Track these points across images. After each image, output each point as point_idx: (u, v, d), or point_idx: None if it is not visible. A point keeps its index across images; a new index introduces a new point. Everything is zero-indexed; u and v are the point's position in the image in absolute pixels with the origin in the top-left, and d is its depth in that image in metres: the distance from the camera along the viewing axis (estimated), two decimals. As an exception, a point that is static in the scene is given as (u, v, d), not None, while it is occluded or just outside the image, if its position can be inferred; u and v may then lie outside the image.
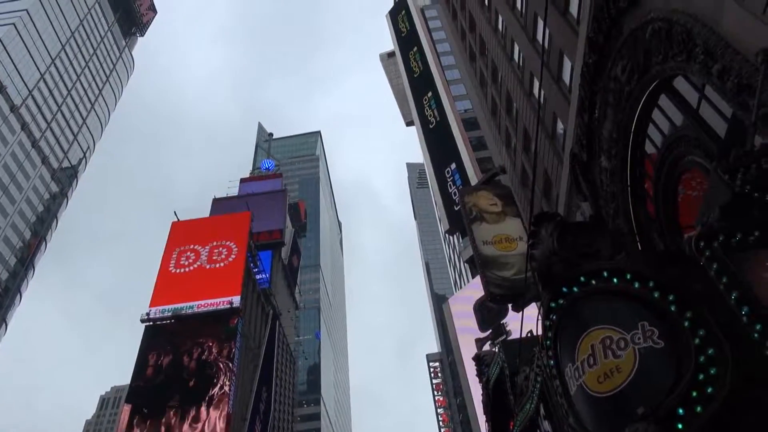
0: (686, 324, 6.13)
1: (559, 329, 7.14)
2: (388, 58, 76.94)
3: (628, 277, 6.66)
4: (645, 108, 10.89)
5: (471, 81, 40.44)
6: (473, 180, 39.33)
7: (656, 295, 6.43)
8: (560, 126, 19.38)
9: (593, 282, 6.91)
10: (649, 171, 11.91)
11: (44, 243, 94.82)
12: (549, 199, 22.15)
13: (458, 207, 38.72)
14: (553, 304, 7.20)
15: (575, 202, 18.26)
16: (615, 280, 6.77)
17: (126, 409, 50.38)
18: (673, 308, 6.25)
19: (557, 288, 7.15)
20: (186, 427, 47.84)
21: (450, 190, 44.82)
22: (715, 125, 8.61)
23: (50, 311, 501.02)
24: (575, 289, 6.99)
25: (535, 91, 22.34)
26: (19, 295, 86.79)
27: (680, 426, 5.68)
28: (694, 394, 5.68)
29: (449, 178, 45.26)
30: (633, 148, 12.39)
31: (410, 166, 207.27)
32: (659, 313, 6.33)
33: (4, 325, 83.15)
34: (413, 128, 62.60)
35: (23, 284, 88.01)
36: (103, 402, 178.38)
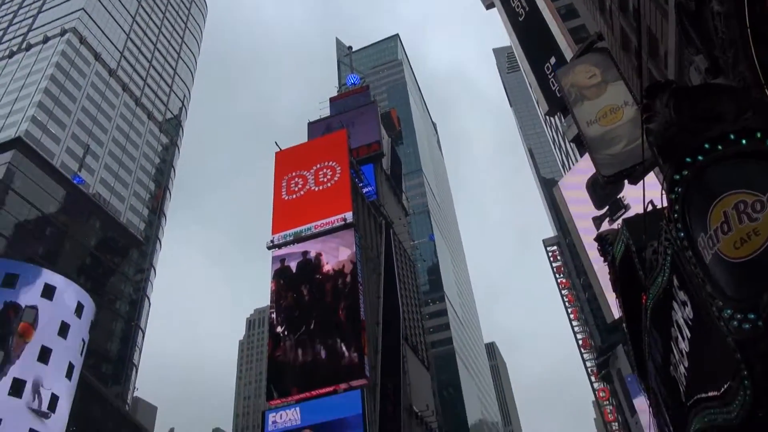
0: (830, 175, 5.73)
1: (686, 200, 6.91)
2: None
3: (759, 135, 6.24)
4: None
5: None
6: (568, 56, 36.87)
7: (793, 149, 6.02)
8: (661, -24, 17.50)
9: (719, 147, 6.55)
10: (772, 7, 10.62)
11: (168, 191, 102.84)
12: (656, 59, 20.43)
13: (555, 87, 36.82)
14: (677, 176, 6.94)
15: (687, 56, 16.75)
16: (744, 141, 6.37)
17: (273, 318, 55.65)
18: (813, 161, 5.84)
19: (680, 159, 6.85)
20: (324, 338, 52.15)
21: (545, 72, 42.37)
22: None
23: (192, 253, 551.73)
24: (700, 157, 6.67)
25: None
26: (158, 242, 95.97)
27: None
28: None
29: (546, 65, 42.36)
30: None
31: (497, 51, 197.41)
32: (798, 169, 5.96)
33: (153, 269, 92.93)
34: (494, 11, 58.95)
35: (159, 231, 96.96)
36: (250, 323, 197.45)
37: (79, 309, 58.19)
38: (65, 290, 57.59)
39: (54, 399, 51.86)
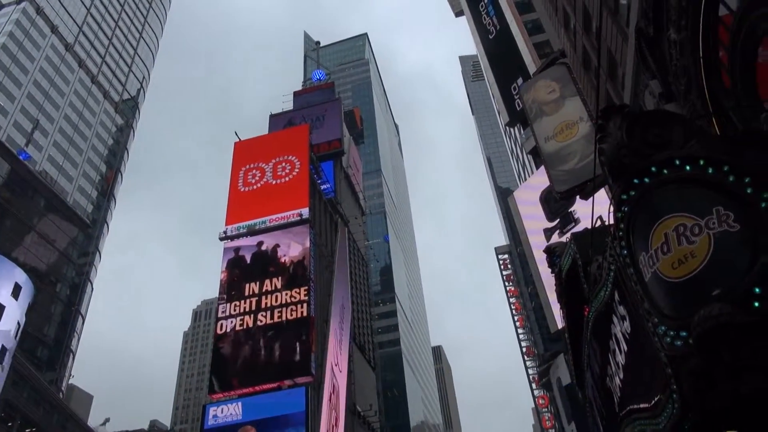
0: (763, 205, 6.09)
1: (631, 220, 7.22)
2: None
3: (701, 163, 6.58)
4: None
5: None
6: (532, 71, 37.73)
7: (731, 179, 6.36)
8: None
9: (665, 171, 6.87)
10: (724, 38, 11.19)
11: (120, 174, 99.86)
12: (614, 79, 21.18)
13: (517, 100, 37.58)
14: (624, 196, 7.24)
15: (643, 80, 17.42)
16: (688, 167, 6.71)
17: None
18: (749, 191, 6.19)
19: (628, 180, 7.15)
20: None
21: (510, 88, 43.18)
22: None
23: (145, 238, 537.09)
24: (647, 180, 6.98)
25: (593, -36, 20.77)
26: (106, 226, 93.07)
27: (757, 304, 5.83)
28: (772, 272, 5.75)
29: (513, 86, 43.12)
30: (705, 14, 11.58)
31: (463, 59, 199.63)
32: (734, 197, 6.30)
33: (98, 253, 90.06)
34: (463, 19, 59.75)
35: (108, 215, 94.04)
36: (196, 315, 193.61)
37: (17, 290, 55.88)
38: (1, 270, 55.23)
39: (-17, 382, 49.63)
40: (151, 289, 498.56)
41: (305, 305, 52.29)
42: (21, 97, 77.63)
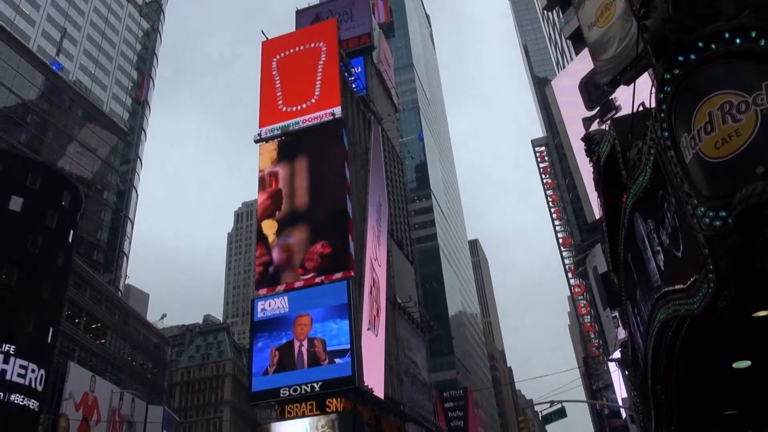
0: (817, 77, 5.77)
1: (674, 100, 6.94)
2: None
3: (753, 35, 6.18)
4: None
5: None
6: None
7: (785, 51, 6.00)
8: None
9: (713, 46, 6.49)
10: None
11: (151, 80, 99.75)
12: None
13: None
14: (667, 75, 6.92)
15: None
16: (738, 40, 6.31)
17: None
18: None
19: (673, 57, 6.80)
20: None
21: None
22: None
23: (186, 143, 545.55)
24: (692, 56, 6.62)
25: None
26: (143, 133, 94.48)
27: (802, 183, 5.68)
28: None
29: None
30: None
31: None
32: (787, 71, 5.97)
33: (139, 160, 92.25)
34: None
35: (144, 122, 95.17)
36: (238, 216, 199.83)
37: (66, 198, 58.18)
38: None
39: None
40: (200, 191, 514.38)
41: (343, 204, 53.32)
42: (46, 5, 76.63)
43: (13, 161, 51.27)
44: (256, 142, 60.09)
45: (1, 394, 40.55)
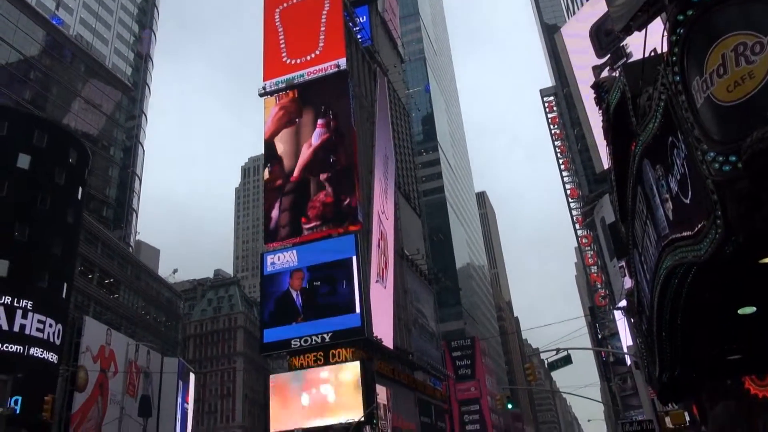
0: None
1: (686, 43, 6.76)
2: None
3: (771, -28, 5.97)
4: None
5: None
6: None
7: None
8: None
9: (729, -15, 6.29)
10: None
11: (153, 34, 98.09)
12: None
13: None
14: (681, 17, 6.72)
15: None
16: (754, -22, 6.10)
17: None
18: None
19: (686, -3, 6.60)
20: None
21: None
22: None
23: (193, 97, 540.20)
24: (707, -4, 6.43)
25: None
26: (147, 88, 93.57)
27: (815, 124, 5.58)
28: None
29: None
30: None
31: None
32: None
33: (144, 116, 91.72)
34: None
35: (147, 77, 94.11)
36: (245, 171, 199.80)
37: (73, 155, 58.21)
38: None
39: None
40: (208, 146, 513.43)
41: (350, 157, 53.11)
42: (41, -44, 74.82)
43: (18, 119, 51.10)
44: (261, 95, 59.54)
45: (22, 347, 41.73)
